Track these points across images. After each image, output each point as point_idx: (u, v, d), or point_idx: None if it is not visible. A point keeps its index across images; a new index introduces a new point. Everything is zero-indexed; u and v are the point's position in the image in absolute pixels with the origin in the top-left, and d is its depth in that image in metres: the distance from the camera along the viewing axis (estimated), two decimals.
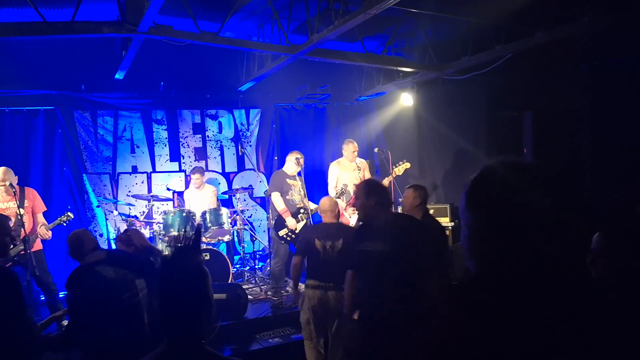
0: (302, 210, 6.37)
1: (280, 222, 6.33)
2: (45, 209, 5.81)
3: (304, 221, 6.36)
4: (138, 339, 3.08)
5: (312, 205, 6.41)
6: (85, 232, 3.43)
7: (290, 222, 6.28)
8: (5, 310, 2.67)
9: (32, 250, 5.09)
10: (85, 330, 3.06)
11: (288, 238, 6.30)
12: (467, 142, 7.49)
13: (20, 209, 4.98)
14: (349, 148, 7.00)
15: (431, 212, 7.59)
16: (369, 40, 7.16)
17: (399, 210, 7.16)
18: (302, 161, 6.51)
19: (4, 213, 5.15)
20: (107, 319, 3.01)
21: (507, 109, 6.95)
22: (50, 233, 5.48)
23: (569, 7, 5.17)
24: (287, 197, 6.43)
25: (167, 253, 1.75)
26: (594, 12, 5.15)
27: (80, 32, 5.17)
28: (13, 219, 5.23)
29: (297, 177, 6.58)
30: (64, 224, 5.59)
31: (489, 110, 7.17)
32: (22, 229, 4.95)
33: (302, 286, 4.63)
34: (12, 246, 3.74)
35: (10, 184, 5.09)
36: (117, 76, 6.94)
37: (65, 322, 4.29)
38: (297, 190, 6.47)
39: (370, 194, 3.30)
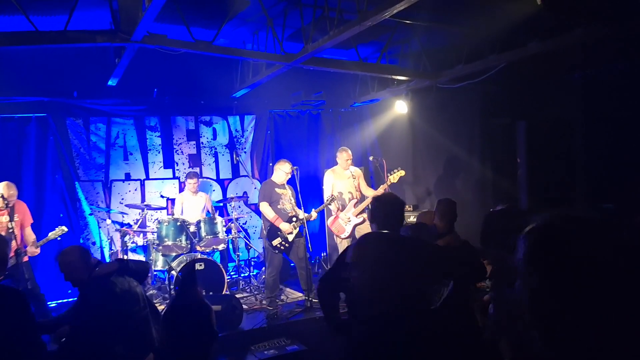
0: (294, 219, 6.35)
1: (273, 232, 6.30)
2: (32, 222, 5.78)
3: (297, 230, 6.34)
4: (144, 354, 3.04)
5: (302, 215, 6.40)
6: (76, 257, 3.28)
7: (284, 226, 6.25)
8: (16, 331, 2.64)
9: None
10: (88, 345, 2.99)
11: (282, 247, 6.27)
12: (461, 150, 7.51)
13: (11, 222, 4.94)
14: (342, 156, 6.99)
15: None
16: (363, 47, 7.16)
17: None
18: (289, 168, 6.47)
19: None
20: (115, 333, 2.96)
21: (500, 117, 6.97)
22: (38, 250, 5.47)
23: (563, 19, 5.19)
24: (279, 206, 6.40)
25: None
26: (588, 23, 5.17)
27: (74, 42, 5.13)
28: (4, 232, 5.20)
29: (287, 186, 6.55)
30: (58, 239, 5.55)
31: (483, 118, 7.19)
32: (14, 242, 4.91)
33: None
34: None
35: (2, 197, 5.05)
36: (110, 83, 6.89)
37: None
38: (288, 199, 6.45)
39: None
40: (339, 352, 3.11)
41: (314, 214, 6.51)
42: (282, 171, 6.50)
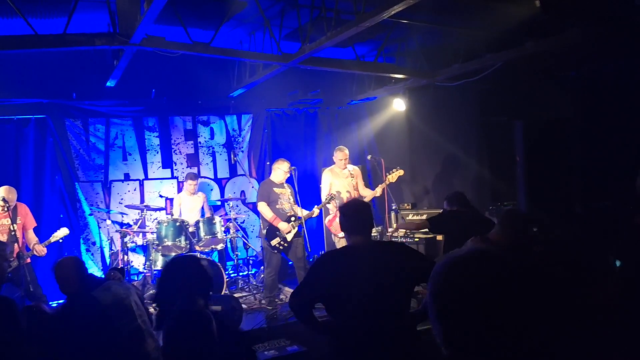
0: (292, 218, 6.38)
1: (271, 232, 6.34)
2: (36, 225, 5.81)
3: (295, 229, 6.37)
4: None
5: (303, 212, 6.44)
6: (69, 274, 3.24)
7: (283, 226, 6.28)
8: (2, 341, 2.64)
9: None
10: None
11: (280, 247, 6.30)
12: (459, 148, 7.56)
13: (14, 225, 4.96)
14: (338, 156, 7.00)
15: (423, 217, 7.74)
16: (360, 45, 7.17)
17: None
18: (287, 167, 6.50)
19: None
20: (101, 351, 2.88)
21: (497, 116, 7.02)
22: (45, 250, 5.48)
23: (560, 19, 5.22)
24: (277, 206, 6.42)
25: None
26: (585, 23, 5.21)
27: (73, 45, 5.15)
28: (6, 236, 5.23)
29: (286, 185, 6.58)
30: (60, 241, 5.58)
31: (480, 117, 7.24)
32: (17, 245, 4.93)
33: None
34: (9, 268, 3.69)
35: (4, 199, 5.07)
36: (108, 84, 6.91)
37: None
38: (287, 198, 6.47)
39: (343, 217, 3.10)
40: (329, 354, 3.07)
41: (315, 210, 6.52)
42: (280, 170, 6.52)
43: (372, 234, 7.31)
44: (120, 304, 3.10)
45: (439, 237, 7.55)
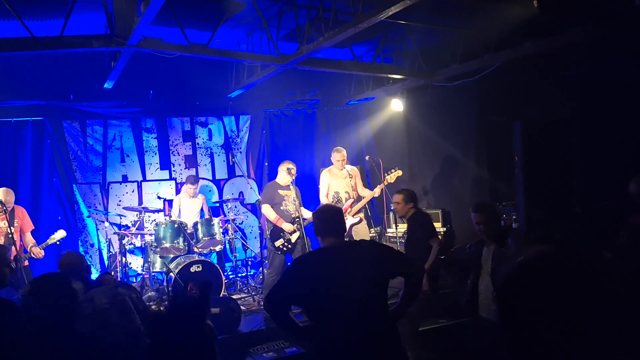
0: (296, 220, 6.36)
1: (276, 233, 6.31)
2: (33, 228, 5.78)
3: (298, 232, 6.34)
4: None
5: (307, 214, 6.42)
6: (73, 263, 3.25)
7: (286, 226, 6.25)
8: (5, 345, 2.62)
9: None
10: None
11: (284, 248, 6.28)
12: (457, 148, 7.55)
13: (11, 228, 4.95)
14: (336, 157, 6.98)
15: None
16: (357, 46, 7.16)
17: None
18: (294, 171, 6.48)
19: None
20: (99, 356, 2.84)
21: (496, 116, 7.00)
22: (42, 252, 5.45)
23: (559, 19, 5.21)
24: (281, 207, 6.39)
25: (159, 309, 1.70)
26: (583, 23, 5.20)
27: (70, 47, 5.14)
28: (3, 238, 5.21)
29: (291, 186, 6.53)
30: (57, 243, 5.56)
31: (479, 117, 7.22)
32: (14, 248, 4.92)
33: None
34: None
35: (1, 202, 5.05)
36: (106, 86, 6.89)
37: None
38: (292, 200, 6.43)
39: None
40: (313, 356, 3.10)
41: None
42: (284, 172, 6.48)
43: (371, 234, 7.33)
44: (102, 315, 3.02)
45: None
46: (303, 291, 2.93)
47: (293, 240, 6.27)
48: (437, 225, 7.51)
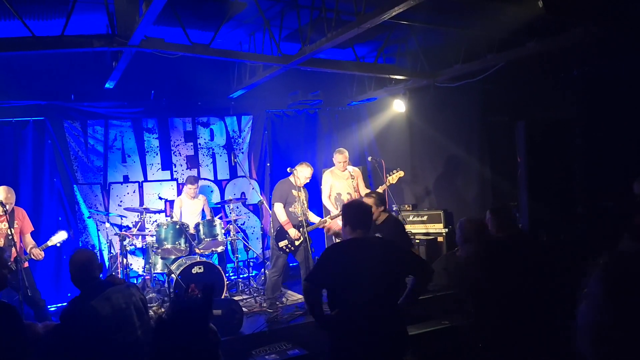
0: (301, 226, 6.32)
1: (281, 233, 6.27)
2: (33, 229, 5.74)
3: (302, 238, 6.29)
4: None
5: (315, 218, 6.40)
6: (90, 259, 3.22)
7: (292, 232, 6.22)
8: (5, 349, 2.59)
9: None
10: None
11: (287, 250, 6.26)
12: (460, 149, 7.52)
13: (11, 229, 4.92)
14: (338, 158, 6.93)
15: (424, 217, 7.70)
16: (360, 46, 7.13)
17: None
18: (309, 173, 6.38)
19: None
20: None
21: (499, 116, 6.97)
22: (42, 254, 5.42)
23: (564, 18, 5.18)
24: (290, 209, 6.35)
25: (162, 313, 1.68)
26: (587, 22, 5.16)
27: (71, 47, 5.10)
28: (3, 240, 5.18)
29: (303, 189, 6.49)
30: (58, 245, 5.54)
31: (482, 117, 7.19)
32: (14, 249, 4.89)
33: None
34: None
35: (1, 203, 5.02)
36: (107, 85, 6.86)
37: None
38: (301, 202, 6.40)
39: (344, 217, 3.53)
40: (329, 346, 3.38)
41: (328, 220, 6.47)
42: (303, 175, 6.38)
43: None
44: (120, 314, 3.02)
45: (440, 239, 7.52)
46: (333, 277, 3.27)
47: (297, 244, 6.25)
48: (439, 227, 7.49)
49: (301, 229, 6.15)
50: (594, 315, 1.32)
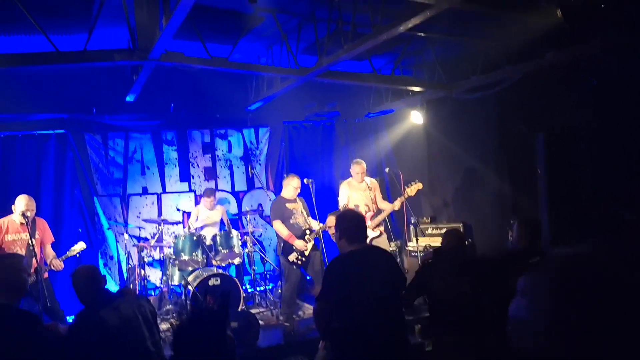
0: (307, 232, 6.34)
1: (288, 247, 6.30)
2: (54, 240, 5.83)
3: (312, 242, 6.33)
4: None
5: (319, 225, 6.39)
6: (93, 272, 3.26)
7: (299, 244, 6.24)
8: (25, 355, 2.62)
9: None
10: None
11: (299, 262, 6.26)
12: (478, 161, 7.45)
13: (32, 239, 4.99)
14: (355, 169, 6.95)
15: (444, 230, 7.61)
16: (376, 58, 7.14)
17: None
18: (297, 183, 6.49)
19: (14, 244, 5.20)
20: None
21: (518, 128, 6.89)
22: (62, 265, 5.49)
23: (582, 30, 5.13)
24: (291, 221, 6.38)
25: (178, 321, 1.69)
26: (606, 32, 5.10)
27: (93, 61, 5.19)
28: (24, 250, 5.26)
29: (298, 199, 6.54)
30: (77, 255, 5.60)
31: (500, 129, 7.12)
32: (35, 259, 4.96)
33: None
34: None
35: (24, 214, 5.10)
36: (127, 99, 6.96)
37: None
38: (300, 213, 6.43)
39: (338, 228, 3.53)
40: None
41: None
42: (290, 186, 6.50)
43: (391, 248, 7.27)
44: (128, 324, 3.04)
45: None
46: (339, 287, 3.26)
47: (307, 254, 6.25)
48: None
49: (307, 237, 6.19)
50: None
